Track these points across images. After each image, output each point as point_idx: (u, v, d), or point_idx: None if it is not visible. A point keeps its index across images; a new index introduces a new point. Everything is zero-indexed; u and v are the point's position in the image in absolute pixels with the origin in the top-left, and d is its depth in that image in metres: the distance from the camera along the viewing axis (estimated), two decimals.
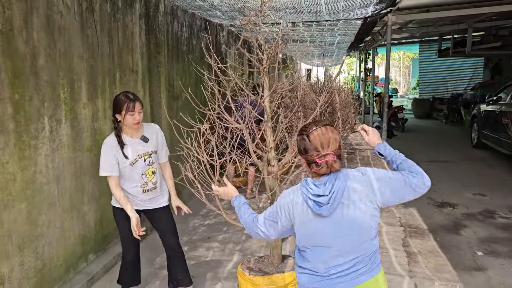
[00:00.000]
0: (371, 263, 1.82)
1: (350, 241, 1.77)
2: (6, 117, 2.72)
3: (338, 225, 1.76)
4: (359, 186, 1.77)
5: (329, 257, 1.79)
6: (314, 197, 1.73)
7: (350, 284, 1.79)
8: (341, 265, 1.79)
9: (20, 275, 2.89)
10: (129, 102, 2.73)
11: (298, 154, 1.86)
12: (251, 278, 2.70)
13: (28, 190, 2.95)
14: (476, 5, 8.04)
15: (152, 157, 2.97)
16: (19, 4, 2.81)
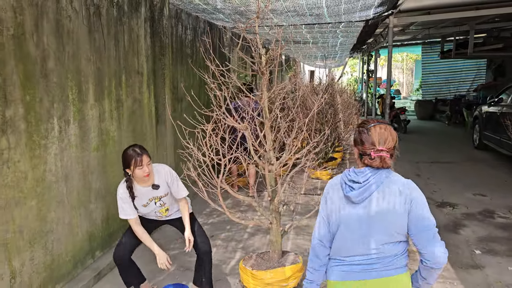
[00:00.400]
0: (388, 263, 1.89)
1: (372, 235, 1.87)
2: (17, 117, 2.84)
3: (365, 216, 1.87)
4: (398, 191, 1.86)
5: (351, 244, 1.91)
6: (349, 182, 1.88)
7: (359, 275, 1.90)
8: (359, 255, 1.91)
9: (30, 269, 3.00)
10: (137, 157, 2.87)
11: (353, 145, 1.98)
12: (252, 273, 2.79)
13: (38, 188, 3.07)
14: (477, 7, 8.11)
15: (162, 200, 3.13)
16: (31, 9, 2.92)
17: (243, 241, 4.57)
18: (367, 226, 1.87)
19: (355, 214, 1.88)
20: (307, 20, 6.86)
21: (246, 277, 2.84)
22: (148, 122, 4.82)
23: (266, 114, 3.03)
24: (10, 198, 2.80)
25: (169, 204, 3.19)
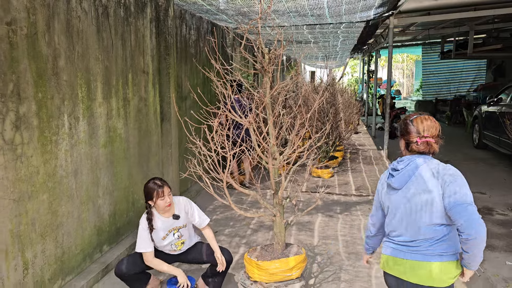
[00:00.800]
0: (428, 247, 2.04)
1: (411, 218, 2.06)
2: (30, 114, 2.94)
3: (404, 199, 2.08)
4: (433, 175, 2.02)
5: (392, 225, 2.15)
6: (391, 170, 2.15)
7: (402, 254, 2.10)
8: (398, 236, 2.13)
9: (42, 261, 3.10)
10: (158, 189, 3.07)
11: (400, 137, 2.21)
12: (257, 263, 2.89)
13: (50, 183, 3.17)
14: (476, 8, 8.22)
15: (180, 231, 3.27)
16: (43, 9, 3.03)
17: (246, 237, 4.67)
18: (406, 210, 2.07)
19: (396, 198, 2.11)
20: (308, 20, 6.96)
21: (251, 268, 2.94)
22: (153, 120, 4.93)
23: (269, 111, 3.13)
24: (23, 191, 2.90)
25: (186, 237, 3.33)
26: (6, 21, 2.70)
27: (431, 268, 2.02)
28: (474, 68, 18.36)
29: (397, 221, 2.13)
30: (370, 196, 6.29)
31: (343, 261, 4.06)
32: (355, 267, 3.92)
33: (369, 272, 3.81)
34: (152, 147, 4.93)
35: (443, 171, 2.03)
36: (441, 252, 2.03)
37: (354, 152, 10.10)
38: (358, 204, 5.90)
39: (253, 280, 2.96)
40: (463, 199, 1.95)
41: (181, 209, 3.27)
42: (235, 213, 5.41)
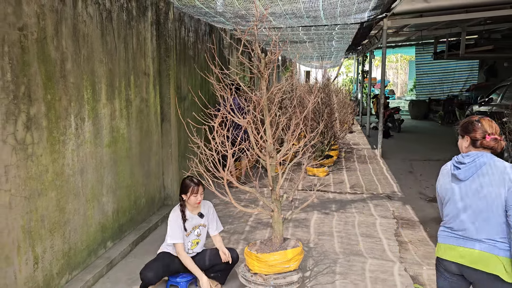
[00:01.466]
0: (485, 238, 2.22)
1: (473, 208, 2.26)
2: (40, 115, 3.07)
3: (468, 190, 2.28)
4: (499, 172, 2.23)
5: (455, 214, 2.33)
6: (457, 163, 2.35)
7: (459, 242, 2.30)
8: (459, 225, 2.31)
9: (51, 256, 3.24)
10: (195, 186, 3.38)
11: (462, 135, 2.43)
12: (257, 256, 3.05)
13: (58, 181, 3.30)
14: (467, 10, 8.41)
15: (200, 228, 3.57)
16: (51, 15, 3.16)
17: (245, 233, 4.83)
18: (469, 200, 2.27)
19: (461, 189, 2.31)
20: (304, 22, 7.12)
21: (251, 261, 3.09)
22: (154, 120, 5.07)
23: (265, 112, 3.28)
24: (33, 189, 3.03)
25: (202, 238, 3.60)
26: (18, 26, 2.83)
27: (503, 261, 2.18)
28: (466, 68, 18.63)
29: (459, 211, 2.31)
30: (365, 194, 6.46)
31: (338, 256, 4.22)
32: (349, 262, 4.08)
33: (363, 266, 3.98)
34: (153, 147, 5.07)
35: (510, 169, 2.24)
36: (505, 248, 2.20)
37: (349, 151, 10.28)
38: (353, 201, 6.08)
39: (253, 272, 3.12)
40: None
41: (206, 210, 3.61)
42: (234, 211, 5.56)
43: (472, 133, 2.37)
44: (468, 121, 2.44)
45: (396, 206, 5.83)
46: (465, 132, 2.42)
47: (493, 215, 2.21)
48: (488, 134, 2.32)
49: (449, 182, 2.39)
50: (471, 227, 2.27)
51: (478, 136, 2.34)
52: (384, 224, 5.13)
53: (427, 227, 5.02)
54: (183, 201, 3.47)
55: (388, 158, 9.15)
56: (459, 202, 2.32)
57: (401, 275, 3.80)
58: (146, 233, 4.69)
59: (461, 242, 2.31)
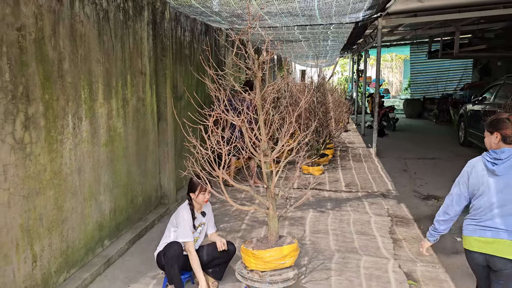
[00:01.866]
0: None
1: (508, 201, 2.44)
2: (38, 114, 3.10)
3: (505, 185, 2.45)
4: None
5: (488, 208, 2.49)
6: (492, 159, 2.49)
7: (492, 234, 2.47)
8: (494, 217, 2.48)
9: (49, 254, 3.27)
10: (203, 184, 3.37)
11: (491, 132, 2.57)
12: (253, 252, 3.09)
13: (56, 180, 3.33)
14: (461, 10, 8.50)
15: (202, 226, 3.64)
16: (49, 15, 3.19)
17: (241, 231, 4.87)
18: (505, 193, 2.45)
19: (496, 184, 2.47)
20: (299, 21, 7.17)
21: (248, 258, 3.13)
22: (150, 119, 5.10)
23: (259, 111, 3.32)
24: (32, 188, 3.06)
25: (202, 235, 3.67)
26: (17, 26, 2.86)
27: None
28: (461, 67, 18.75)
29: (494, 203, 2.47)
30: (360, 192, 6.53)
31: (333, 253, 4.28)
32: (344, 259, 4.14)
33: (357, 263, 4.04)
34: (149, 146, 5.09)
35: None
36: None
37: (344, 149, 10.34)
38: (348, 200, 6.13)
39: (250, 269, 3.16)
40: None
41: (207, 208, 3.70)
42: (230, 210, 5.60)
43: (504, 129, 2.51)
44: (498, 118, 2.57)
45: (391, 204, 5.90)
46: (495, 128, 2.55)
47: None
48: None
49: (483, 177, 2.52)
50: (504, 220, 2.45)
51: (509, 133, 2.49)
52: (379, 222, 5.20)
53: (421, 224, 5.09)
54: (191, 200, 3.52)
55: (383, 156, 9.23)
56: (494, 196, 2.47)
57: (395, 272, 3.87)
58: (143, 232, 4.73)
59: (491, 234, 2.48)
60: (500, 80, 8.94)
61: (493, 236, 2.47)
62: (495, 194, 2.46)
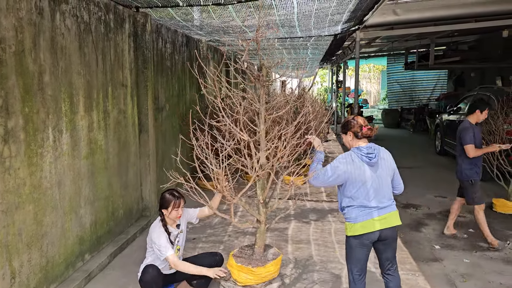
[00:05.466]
0: (391, 202, 2.99)
1: (379, 183, 2.94)
2: (18, 128, 3.06)
3: (376, 171, 2.94)
4: (388, 155, 3.07)
5: (368, 193, 2.93)
6: (366, 154, 2.93)
7: (379, 212, 2.92)
8: (374, 199, 2.92)
9: (28, 270, 3.20)
10: (176, 200, 3.29)
11: (346, 132, 3.05)
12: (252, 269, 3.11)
13: (35, 194, 3.28)
14: (436, 23, 8.77)
15: (179, 236, 3.49)
16: (29, 28, 3.16)
17: (223, 242, 4.86)
18: (381, 179, 2.94)
19: (371, 172, 2.93)
20: (279, 34, 7.28)
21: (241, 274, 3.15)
22: (131, 131, 5.07)
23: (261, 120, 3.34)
24: (11, 202, 3.01)
25: (182, 243, 3.54)
26: None
27: (395, 213, 3.05)
28: (434, 77, 19.29)
29: (371, 189, 2.95)
30: None
31: (316, 263, 4.31)
32: (326, 268, 4.18)
33: (340, 273, 4.08)
34: (130, 158, 5.06)
35: (389, 153, 3.06)
36: (394, 205, 3.09)
37: (325, 159, 10.45)
38: (329, 209, 6.20)
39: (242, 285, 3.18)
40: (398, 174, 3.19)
41: (182, 218, 3.51)
42: (212, 221, 5.59)
43: (351, 129, 3.01)
44: (347, 120, 3.09)
45: None
46: (347, 129, 3.06)
47: (389, 185, 3.02)
48: (365, 126, 2.98)
49: (363, 168, 2.93)
50: (378, 197, 2.93)
51: (357, 130, 2.98)
52: None
53: (401, 233, 5.18)
54: (163, 216, 3.35)
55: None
56: (369, 181, 2.91)
57: (377, 281, 3.92)
58: (124, 245, 4.67)
59: (377, 212, 2.92)
60: (474, 91, 9.24)
61: (380, 214, 2.92)
62: (371, 180, 2.92)
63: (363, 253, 3.02)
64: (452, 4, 7.08)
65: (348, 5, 5.20)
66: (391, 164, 3.04)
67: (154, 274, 3.21)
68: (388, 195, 3.00)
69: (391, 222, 2.97)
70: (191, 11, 4.98)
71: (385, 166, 2.98)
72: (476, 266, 4.29)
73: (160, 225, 3.34)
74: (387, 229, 2.95)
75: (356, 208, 2.96)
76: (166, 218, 3.37)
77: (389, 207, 2.97)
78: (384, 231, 2.94)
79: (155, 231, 3.30)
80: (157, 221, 3.38)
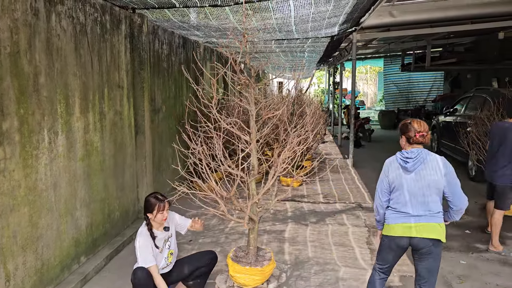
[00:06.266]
0: (429, 213, 2.87)
1: (417, 191, 2.88)
2: (13, 129, 3.04)
3: (415, 179, 2.88)
4: (437, 163, 2.89)
5: (404, 198, 2.91)
6: (404, 158, 2.93)
7: (410, 219, 2.88)
8: (410, 205, 2.89)
9: (23, 273, 3.18)
10: (160, 203, 3.28)
11: (401, 135, 3.03)
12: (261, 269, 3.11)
13: (30, 196, 3.26)
14: (432, 25, 8.79)
15: (170, 240, 3.48)
16: (25, 29, 3.15)
17: (220, 244, 4.85)
18: (418, 187, 2.87)
19: (410, 178, 2.89)
20: (276, 36, 7.27)
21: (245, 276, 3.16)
22: (128, 132, 5.05)
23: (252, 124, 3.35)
24: (5, 205, 2.98)
25: (173, 248, 3.53)
26: None
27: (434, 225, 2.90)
28: (430, 79, 19.36)
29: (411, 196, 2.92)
30: (337, 203, 6.60)
31: (312, 265, 4.30)
32: (323, 270, 4.17)
33: (336, 275, 4.07)
34: (127, 159, 5.04)
35: (443, 163, 2.91)
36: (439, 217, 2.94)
37: (321, 161, 10.45)
38: (326, 211, 6.20)
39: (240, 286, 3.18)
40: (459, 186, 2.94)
41: (170, 220, 3.50)
42: (209, 223, 5.57)
43: (406, 133, 2.97)
44: (403, 123, 3.06)
45: (368, 214, 5.99)
46: (401, 132, 3.04)
47: (432, 199, 2.87)
48: (418, 132, 2.92)
49: (400, 173, 2.93)
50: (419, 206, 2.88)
51: (411, 135, 2.94)
52: (356, 232, 5.27)
53: None
54: (149, 220, 3.34)
55: (360, 167, 9.37)
56: (407, 188, 2.90)
57: None
58: (120, 247, 4.65)
59: (408, 219, 2.88)
60: (470, 93, 9.26)
61: (416, 222, 2.87)
62: (409, 188, 2.89)
63: (390, 256, 3.04)
64: (448, 6, 7.10)
65: (345, 8, 5.20)
66: (437, 174, 2.85)
67: (144, 276, 3.19)
68: (427, 205, 2.87)
69: (423, 233, 2.85)
70: (188, 12, 4.97)
71: (427, 174, 2.86)
72: (472, 268, 4.29)
73: (144, 231, 3.31)
74: (419, 239, 2.85)
75: (392, 210, 3.00)
76: (151, 222, 3.35)
77: (424, 217, 2.86)
78: (414, 240, 2.87)
79: (140, 239, 3.26)
80: (143, 226, 3.34)
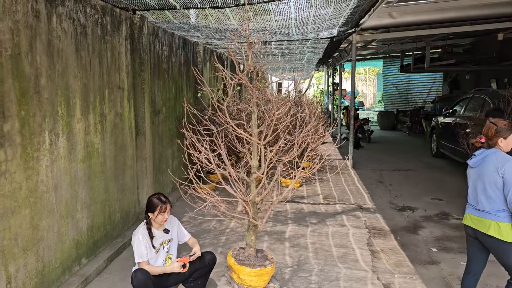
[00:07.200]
0: (485, 209, 3.05)
1: (476, 186, 3.13)
2: (14, 131, 3.04)
3: (476, 174, 3.14)
4: (496, 161, 3.01)
5: (471, 190, 3.20)
6: (472, 155, 3.20)
7: (473, 211, 3.16)
8: (472, 197, 3.18)
9: (24, 275, 3.17)
10: (163, 205, 3.35)
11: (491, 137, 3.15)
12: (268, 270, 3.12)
13: (31, 198, 3.25)
14: (431, 26, 8.81)
15: (169, 244, 3.54)
16: (26, 31, 3.14)
17: (220, 246, 4.85)
18: (480, 181, 3.10)
19: (472, 172, 3.19)
20: (276, 37, 7.28)
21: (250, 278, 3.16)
22: (128, 134, 5.05)
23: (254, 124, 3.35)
24: (7, 207, 2.98)
25: (172, 252, 3.59)
26: None
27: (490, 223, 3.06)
28: (429, 80, 19.38)
29: (472, 190, 3.20)
30: (337, 204, 6.61)
31: (313, 266, 4.31)
32: (324, 272, 4.17)
33: (337, 276, 4.08)
34: (127, 161, 5.04)
35: (501, 161, 3.01)
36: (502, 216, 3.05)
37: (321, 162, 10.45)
38: (326, 212, 6.20)
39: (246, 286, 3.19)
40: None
41: (171, 224, 3.56)
42: (209, 224, 5.57)
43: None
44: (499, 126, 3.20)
45: (368, 216, 5.99)
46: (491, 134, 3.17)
47: (490, 195, 3.04)
48: (480, 138, 3.14)
49: (469, 169, 3.24)
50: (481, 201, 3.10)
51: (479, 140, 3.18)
52: (357, 234, 5.27)
53: (398, 235, 5.19)
54: (149, 219, 3.42)
55: (359, 168, 9.38)
56: (471, 182, 3.21)
57: (374, 284, 3.92)
58: (121, 249, 4.64)
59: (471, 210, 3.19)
60: (469, 94, 9.28)
61: (480, 216, 3.10)
62: (472, 182, 3.18)
63: (470, 246, 3.28)
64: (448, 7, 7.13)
65: (345, 10, 5.21)
66: (492, 173, 3.02)
67: (143, 278, 3.20)
68: (484, 202, 3.07)
69: (481, 227, 3.09)
70: (188, 13, 4.97)
71: (486, 173, 3.06)
72: None
73: (143, 228, 3.39)
74: (481, 232, 3.09)
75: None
76: (151, 221, 3.42)
77: (482, 213, 3.09)
78: (478, 232, 3.13)
79: (137, 235, 3.34)
80: (142, 224, 3.42)
